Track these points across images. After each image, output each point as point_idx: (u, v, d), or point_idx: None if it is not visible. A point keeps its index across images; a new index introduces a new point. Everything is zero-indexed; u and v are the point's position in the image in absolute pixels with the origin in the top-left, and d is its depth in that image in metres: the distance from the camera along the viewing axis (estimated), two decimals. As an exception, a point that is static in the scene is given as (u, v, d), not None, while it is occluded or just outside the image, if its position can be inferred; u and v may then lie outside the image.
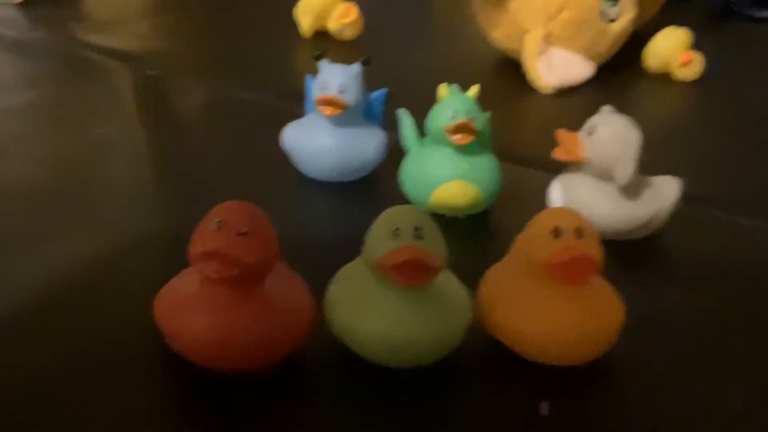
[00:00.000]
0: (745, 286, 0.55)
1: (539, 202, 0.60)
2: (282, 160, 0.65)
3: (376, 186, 0.65)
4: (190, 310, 0.42)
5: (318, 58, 0.61)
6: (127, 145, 0.71)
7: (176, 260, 0.46)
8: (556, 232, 0.43)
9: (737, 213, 0.63)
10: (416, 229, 0.41)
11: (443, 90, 0.59)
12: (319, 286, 0.46)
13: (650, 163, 0.57)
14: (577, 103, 0.82)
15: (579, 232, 0.43)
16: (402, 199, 0.61)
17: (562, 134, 0.56)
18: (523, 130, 0.78)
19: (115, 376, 0.44)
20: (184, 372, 0.44)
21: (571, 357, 0.45)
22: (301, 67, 0.72)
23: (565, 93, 0.84)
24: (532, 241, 0.44)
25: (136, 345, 0.46)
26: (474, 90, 0.59)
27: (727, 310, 0.52)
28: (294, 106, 0.69)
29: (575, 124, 0.57)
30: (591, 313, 0.44)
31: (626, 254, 0.56)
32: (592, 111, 0.57)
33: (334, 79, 0.60)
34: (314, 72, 0.62)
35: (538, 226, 0.44)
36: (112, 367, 0.45)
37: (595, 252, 0.43)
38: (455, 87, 0.60)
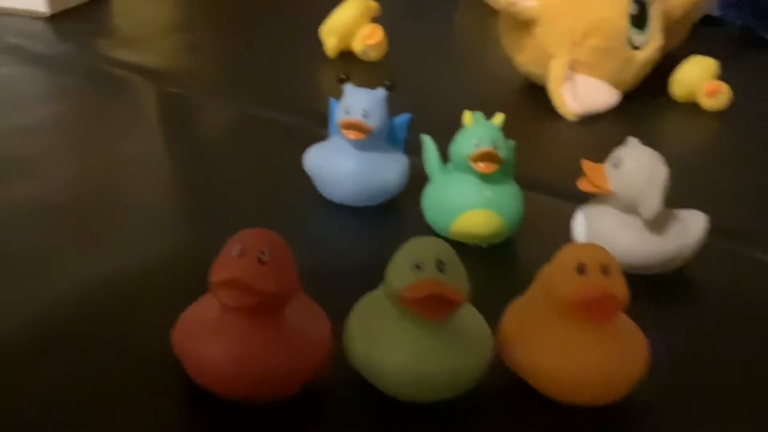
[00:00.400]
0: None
1: (563, 232, 0.59)
2: (304, 182, 0.65)
3: (398, 212, 0.64)
4: (208, 338, 0.41)
5: (342, 81, 0.61)
6: (149, 162, 0.71)
7: (196, 280, 0.45)
8: (581, 269, 0.42)
9: (764, 249, 0.62)
10: (439, 262, 0.41)
11: (467, 117, 0.59)
12: (338, 314, 0.46)
13: (676, 195, 0.56)
14: (601, 130, 0.81)
15: (604, 269, 0.42)
16: (424, 226, 0.60)
17: (587, 165, 0.55)
18: (547, 157, 0.77)
19: (129, 401, 0.44)
20: (200, 400, 0.43)
21: (594, 397, 0.44)
22: (325, 88, 0.71)
23: (590, 120, 0.84)
24: (556, 276, 0.43)
25: (152, 370, 0.46)
26: (499, 118, 0.59)
27: (755, 349, 0.51)
28: (317, 127, 0.69)
29: (600, 152, 0.56)
30: (615, 352, 0.43)
31: (651, 289, 0.55)
32: (617, 139, 0.57)
33: (358, 104, 0.60)
34: (338, 93, 0.62)
35: (563, 261, 0.43)
36: (128, 392, 0.44)
37: (621, 290, 0.42)
38: (480, 115, 0.59)
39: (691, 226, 0.57)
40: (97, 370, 0.45)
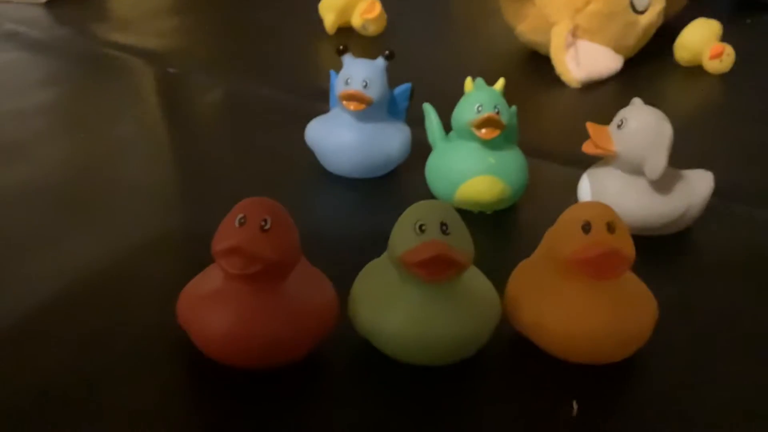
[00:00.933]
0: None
1: (568, 197, 0.58)
2: (305, 156, 0.64)
3: (401, 182, 0.64)
4: (212, 307, 0.41)
5: (341, 52, 0.61)
6: (149, 142, 0.70)
7: (197, 258, 0.45)
8: (587, 227, 0.41)
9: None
10: (442, 224, 0.40)
11: (469, 84, 0.58)
12: (343, 283, 0.45)
13: (681, 157, 0.55)
14: (605, 96, 0.81)
15: (610, 227, 0.41)
16: (427, 195, 0.60)
17: (591, 127, 0.55)
18: (551, 124, 0.77)
19: (136, 374, 0.43)
20: (205, 371, 0.43)
21: (602, 355, 0.43)
22: (325, 64, 0.71)
23: (594, 86, 0.83)
24: (562, 236, 0.43)
25: (156, 343, 0.45)
26: (500, 83, 0.58)
27: (761, 305, 0.51)
28: (318, 103, 0.68)
29: (604, 119, 0.56)
30: (623, 309, 0.43)
31: (658, 250, 0.55)
32: (621, 105, 0.56)
33: (357, 74, 0.59)
34: (338, 67, 0.61)
35: (568, 220, 0.43)
36: (134, 366, 0.44)
37: (627, 247, 0.41)
38: (480, 80, 0.59)
39: (698, 186, 0.56)
40: (98, 347, 0.45)
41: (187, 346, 0.43)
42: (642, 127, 0.53)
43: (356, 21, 0.93)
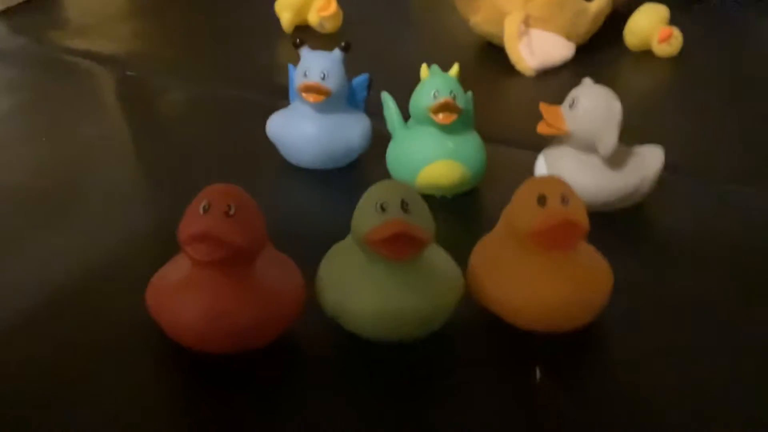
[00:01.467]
0: (727, 251, 0.56)
1: (525, 179, 0.59)
2: (268, 151, 0.65)
3: (363, 171, 0.65)
4: (181, 294, 0.42)
5: (298, 45, 0.62)
6: (111, 144, 0.70)
7: (167, 255, 0.46)
8: (542, 200, 0.43)
9: (718, 181, 0.64)
10: (403, 202, 0.42)
11: (424, 71, 0.59)
12: (309, 268, 0.46)
13: (632, 136, 0.57)
14: (559, 83, 0.82)
15: (564, 199, 0.43)
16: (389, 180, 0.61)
17: (544, 108, 0.56)
18: (507, 111, 0.78)
19: (108, 370, 0.44)
20: (178, 360, 0.44)
21: (561, 323, 0.45)
22: (283, 62, 0.71)
23: (547, 74, 0.85)
24: (518, 209, 0.44)
25: (130, 337, 0.46)
26: (455, 69, 0.59)
27: (711, 275, 0.53)
28: (278, 100, 0.69)
29: (558, 103, 0.57)
30: (580, 278, 0.44)
31: (612, 225, 0.56)
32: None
33: (315, 66, 0.60)
34: (296, 63, 0.62)
35: (524, 194, 0.44)
36: (109, 361, 0.45)
37: (581, 217, 0.43)
38: (436, 67, 0.60)
39: (649, 161, 0.58)
40: (73, 343, 0.46)
41: (161, 338, 0.44)
42: (593, 105, 0.55)
43: (313, 19, 0.94)
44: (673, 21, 0.89)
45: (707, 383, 0.44)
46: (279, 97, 0.70)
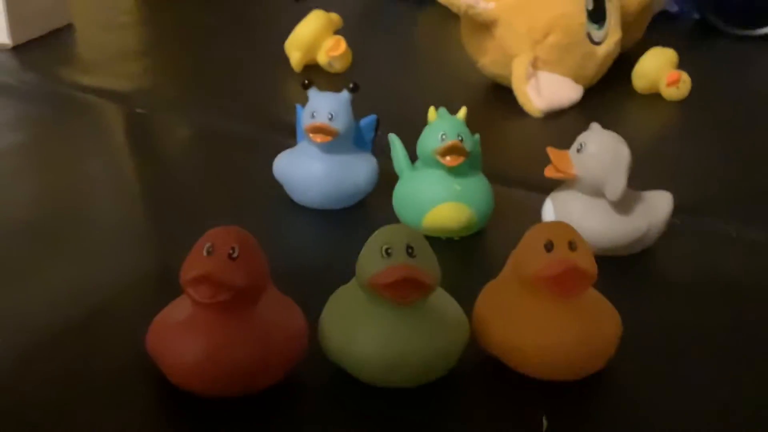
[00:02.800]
0: (738, 295, 0.55)
1: (533, 222, 0.58)
2: (274, 190, 0.65)
3: (369, 212, 0.64)
4: (182, 336, 0.42)
5: (306, 86, 0.62)
6: (118, 181, 0.71)
7: (169, 294, 0.45)
8: (549, 245, 0.43)
9: (726, 224, 0.63)
10: (408, 247, 0.41)
11: (432, 113, 0.59)
12: (312, 311, 0.46)
13: (640, 179, 0.57)
14: (567, 125, 0.83)
15: (572, 245, 0.42)
16: (395, 223, 0.61)
17: (552, 152, 0.56)
18: (515, 153, 0.78)
19: (108, 410, 0.43)
20: (179, 401, 0.43)
21: (569, 371, 0.44)
22: (291, 101, 0.72)
23: (555, 115, 0.85)
24: (525, 254, 0.44)
25: (128, 378, 0.45)
26: (462, 112, 0.59)
27: (723, 321, 0.52)
28: (286, 138, 0.69)
29: (565, 145, 0.57)
30: (588, 326, 0.44)
31: (621, 270, 0.56)
32: (582, 131, 0.58)
33: (323, 107, 0.60)
34: (304, 103, 0.62)
35: (531, 240, 0.44)
36: (106, 399, 0.44)
37: (589, 264, 0.43)
38: (444, 110, 0.60)
39: (658, 206, 0.58)
40: (70, 382, 0.45)
41: (159, 379, 0.43)
42: (600, 150, 0.55)
43: (322, 58, 0.95)
44: (681, 64, 0.89)
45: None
46: (286, 135, 0.70)
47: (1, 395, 0.44)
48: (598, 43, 0.87)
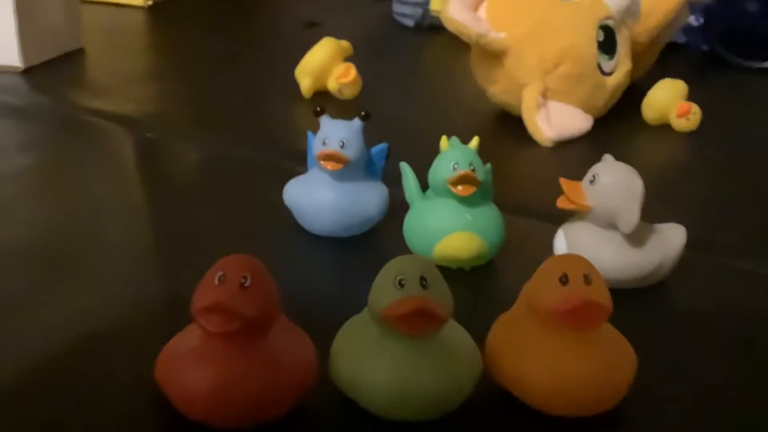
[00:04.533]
0: (752, 330, 0.54)
1: (544, 252, 0.59)
2: (284, 217, 0.65)
3: (380, 241, 0.64)
4: (191, 366, 0.41)
5: (318, 113, 0.62)
6: (128, 206, 0.70)
7: (178, 321, 0.45)
8: (564, 279, 0.42)
9: (742, 259, 0.63)
10: (422, 278, 0.41)
11: (444, 142, 0.59)
12: (322, 341, 0.45)
13: (652, 212, 0.57)
14: (577, 155, 0.82)
15: (587, 278, 0.42)
16: (406, 253, 0.60)
17: (565, 183, 0.56)
18: (525, 182, 0.78)
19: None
20: (186, 430, 0.42)
21: (584, 407, 0.44)
22: (301, 127, 0.72)
23: (565, 145, 0.85)
24: (540, 288, 0.43)
25: (136, 407, 0.45)
26: (474, 142, 0.59)
27: (738, 357, 0.52)
28: (296, 165, 0.69)
29: (576, 175, 0.57)
30: (603, 361, 0.43)
31: (633, 303, 0.55)
32: (592, 162, 0.57)
33: (335, 134, 0.60)
34: (315, 129, 0.62)
35: (546, 272, 0.43)
36: (113, 428, 0.43)
37: (604, 298, 0.42)
38: (456, 139, 0.60)
39: (671, 239, 0.57)
40: (77, 409, 0.45)
41: (166, 408, 0.43)
42: (614, 182, 0.54)
43: (332, 85, 0.95)
44: (691, 96, 0.89)
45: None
46: (296, 162, 0.70)
47: (5, 423, 0.44)
48: (608, 74, 0.87)
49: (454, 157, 0.57)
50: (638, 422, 0.45)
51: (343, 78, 0.94)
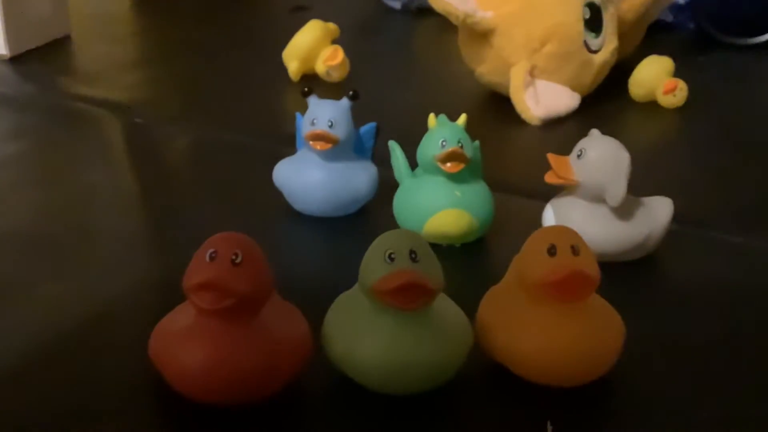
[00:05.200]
0: (739, 302, 0.55)
1: (533, 228, 0.58)
2: (274, 198, 0.65)
3: (370, 219, 0.64)
4: (185, 343, 0.41)
5: (306, 94, 0.62)
6: (118, 191, 0.70)
7: (170, 303, 0.45)
8: (552, 250, 0.42)
9: (727, 232, 0.63)
10: (411, 252, 0.41)
11: (432, 120, 0.60)
12: (314, 318, 0.46)
13: (640, 187, 0.57)
14: (565, 133, 0.83)
15: (575, 249, 0.42)
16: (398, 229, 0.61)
17: (552, 158, 0.56)
18: (514, 160, 0.79)
19: (111, 418, 0.43)
20: (182, 409, 0.43)
21: (572, 377, 0.44)
22: (290, 110, 0.72)
23: (553, 124, 0.85)
24: (528, 259, 0.44)
25: (131, 385, 0.45)
26: (462, 119, 0.60)
27: (722, 328, 0.52)
28: (284, 147, 0.69)
29: (564, 153, 0.57)
30: (591, 331, 0.44)
31: (621, 276, 0.56)
32: (580, 139, 0.58)
33: (323, 114, 0.60)
34: (303, 112, 0.62)
35: (534, 244, 0.44)
36: (109, 409, 0.44)
37: (592, 268, 0.43)
38: (443, 117, 0.60)
39: (658, 212, 0.58)
40: (73, 393, 0.45)
41: (162, 388, 0.43)
42: (601, 156, 0.55)
43: (320, 68, 0.95)
44: (677, 73, 0.89)
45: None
46: (285, 144, 0.70)
47: (2, 408, 0.44)
48: (595, 52, 0.88)
49: (443, 134, 0.57)
50: (626, 391, 0.46)
51: (330, 60, 0.94)
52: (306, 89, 0.62)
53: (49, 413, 0.43)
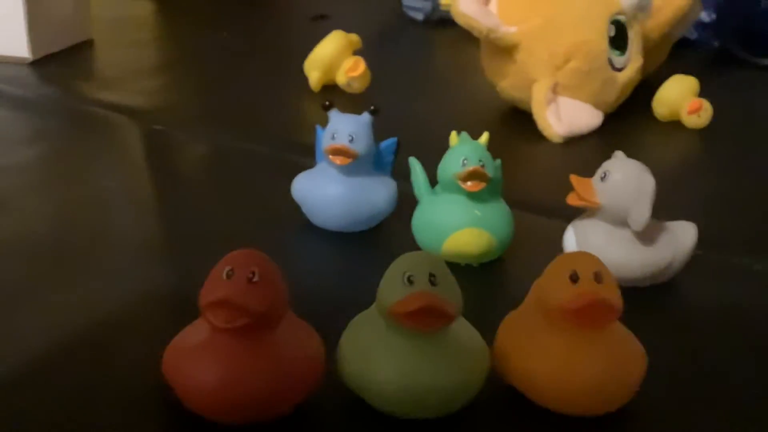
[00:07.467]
0: (763, 327, 0.54)
1: (554, 249, 0.58)
2: (292, 211, 0.64)
3: (388, 235, 0.64)
4: (198, 361, 0.41)
5: (327, 107, 0.61)
6: (135, 198, 0.70)
7: (184, 313, 0.45)
8: (574, 277, 0.42)
9: (752, 257, 0.62)
10: (430, 275, 0.41)
11: (454, 138, 0.59)
12: (330, 336, 0.45)
13: (664, 209, 0.56)
14: (586, 151, 0.82)
15: (597, 276, 0.42)
16: (414, 248, 0.60)
17: (575, 180, 0.55)
18: (535, 178, 0.78)
19: (121, 430, 0.43)
20: (189, 425, 0.42)
21: (593, 406, 0.43)
22: (310, 121, 0.71)
23: (575, 141, 0.84)
24: (550, 285, 0.43)
25: (143, 401, 0.45)
26: (484, 137, 0.59)
27: (749, 356, 0.51)
28: (304, 158, 0.69)
29: (586, 172, 0.57)
30: (613, 360, 0.43)
31: (643, 301, 0.55)
32: (602, 159, 0.57)
33: (344, 129, 0.60)
34: (324, 123, 0.62)
35: (556, 270, 0.43)
36: (119, 421, 0.43)
37: (614, 296, 0.42)
38: (465, 134, 0.59)
39: (681, 237, 0.57)
40: (83, 401, 0.45)
41: (173, 402, 0.43)
42: (625, 179, 0.54)
43: (341, 79, 0.94)
44: (702, 92, 0.88)
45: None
46: (304, 155, 0.69)
47: (10, 415, 0.43)
48: (619, 70, 0.87)
49: (464, 152, 0.57)
50: (647, 422, 0.45)
51: (352, 72, 0.93)
52: (327, 103, 0.61)
53: (54, 423, 0.43)
